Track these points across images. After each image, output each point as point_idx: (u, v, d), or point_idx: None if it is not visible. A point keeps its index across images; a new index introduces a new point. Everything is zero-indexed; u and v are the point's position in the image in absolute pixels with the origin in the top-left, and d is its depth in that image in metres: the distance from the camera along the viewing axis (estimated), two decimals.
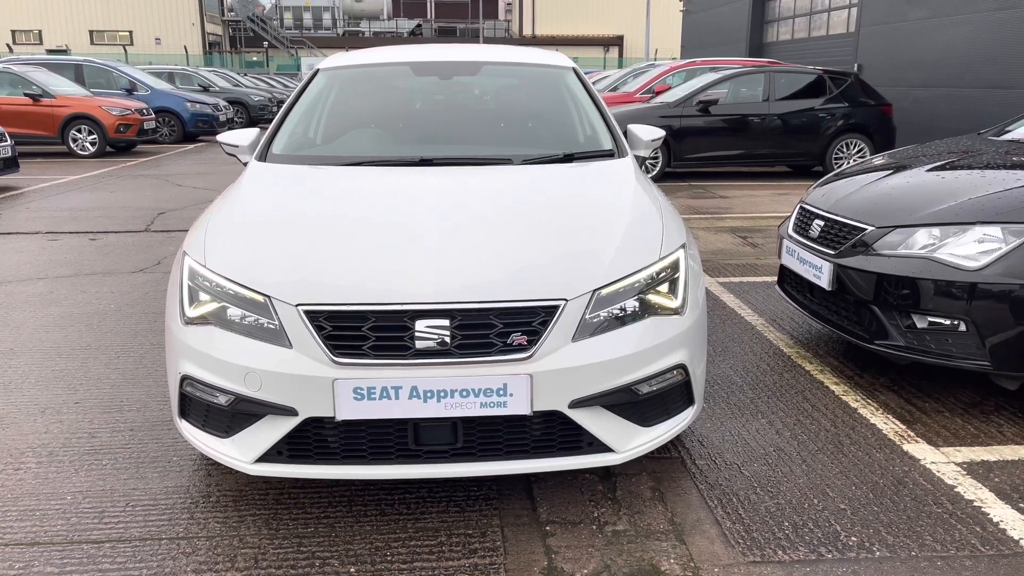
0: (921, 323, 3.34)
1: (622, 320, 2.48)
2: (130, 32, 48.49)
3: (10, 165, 10.33)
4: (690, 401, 2.71)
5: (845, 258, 3.60)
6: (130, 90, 17.37)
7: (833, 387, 3.68)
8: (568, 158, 3.39)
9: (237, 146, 3.64)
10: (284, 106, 3.73)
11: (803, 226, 4.07)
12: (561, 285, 2.42)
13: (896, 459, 2.99)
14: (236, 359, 2.37)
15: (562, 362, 2.36)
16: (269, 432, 2.38)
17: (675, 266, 2.67)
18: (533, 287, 2.40)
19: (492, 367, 2.32)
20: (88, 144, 14.44)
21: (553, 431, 2.44)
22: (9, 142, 10.31)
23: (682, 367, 2.59)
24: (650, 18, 31.14)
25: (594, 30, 55.00)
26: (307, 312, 2.33)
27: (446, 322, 2.32)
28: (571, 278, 2.45)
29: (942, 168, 3.88)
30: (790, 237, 4.15)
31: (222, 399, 2.41)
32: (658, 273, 2.62)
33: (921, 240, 3.38)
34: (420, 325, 2.31)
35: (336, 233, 2.63)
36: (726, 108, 10.99)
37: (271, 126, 3.63)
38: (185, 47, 44.41)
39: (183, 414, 2.59)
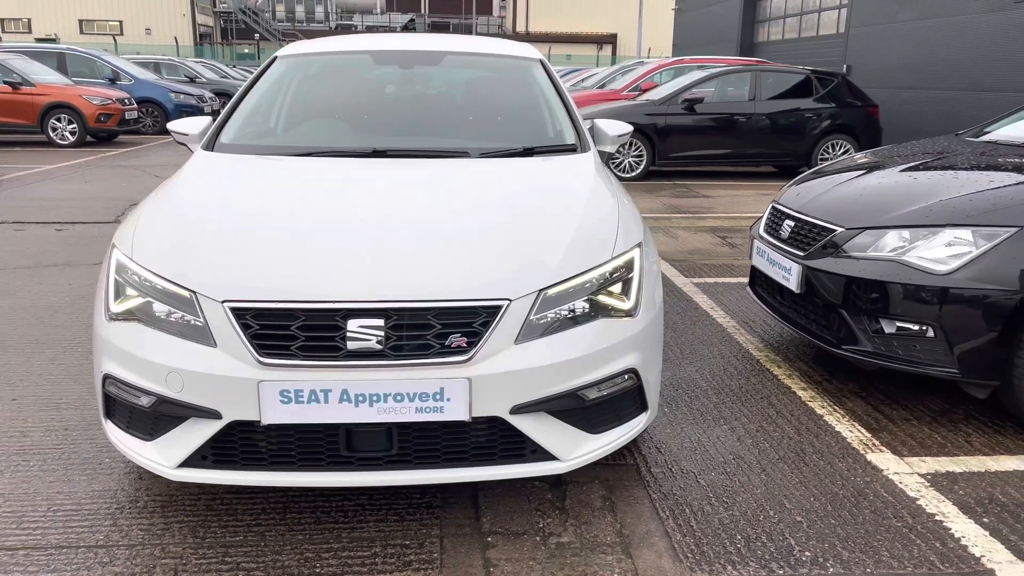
0: (889, 328, 3.23)
1: (570, 322, 2.36)
2: (120, 22, 48.01)
3: None
4: (643, 407, 2.59)
5: (814, 260, 3.49)
6: (113, 79, 17.17)
7: (800, 392, 3.57)
8: (528, 152, 3.27)
9: (187, 134, 3.49)
10: (237, 93, 3.59)
11: (774, 226, 3.96)
12: (505, 284, 2.30)
13: (858, 469, 2.88)
14: (158, 358, 2.24)
15: (504, 365, 2.24)
16: (193, 436, 2.25)
17: (629, 266, 2.55)
18: (475, 286, 2.27)
19: (428, 370, 2.20)
20: (68, 133, 14.22)
21: (494, 438, 2.31)
22: None
23: (633, 371, 2.47)
24: (642, 16, 31.02)
25: (588, 27, 54.82)
26: (233, 309, 2.20)
27: (380, 322, 2.19)
28: (516, 277, 2.33)
29: (916, 168, 3.77)
30: (760, 237, 4.04)
31: (144, 400, 2.28)
32: (611, 273, 2.50)
33: (891, 242, 3.27)
34: (352, 325, 2.18)
35: (272, 226, 2.49)
36: (711, 107, 10.88)
37: (222, 114, 3.49)
38: (175, 38, 44.04)
39: (108, 415, 2.46)
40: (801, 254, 3.58)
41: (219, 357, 2.19)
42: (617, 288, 2.50)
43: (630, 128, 3.78)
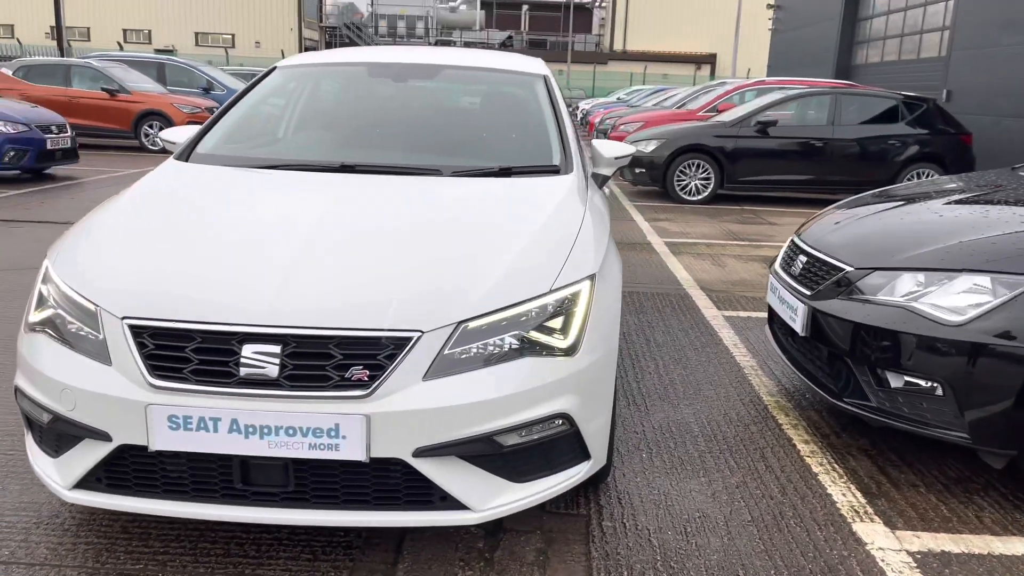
0: (896, 382, 2.88)
1: (495, 358, 2.16)
2: (232, 35, 50.31)
3: (70, 156, 10.67)
4: (584, 455, 2.37)
5: (819, 300, 3.16)
6: (207, 89, 17.87)
7: (801, 446, 3.24)
8: (505, 172, 3.07)
9: (175, 143, 3.47)
10: (228, 101, 3.55)
11: (788, 261, 3.64)
12: (419, 314, 2.12)
13: (839, 540, 2.55)
14: (56, 374, 2.16)
15: (407, 403, 2.06)
16: (87, 456, 2.16)
17: (573, 300, 2.33)
18: (384, 315, 2.10)
19: (324, 404, 2.04)
20: (159, 139, 14.83)
21: (397, 482, 2.13)
22: (70, 133, 10.66)
23: (565, 416, 2.25)
24: (739, 36, 30.28)
25: (686, 47, 54.00)
26: (131, 326, 2.11)
27: (276, 348, 2.05)
28: (434, 307, 2.15)
29: (950, 203, 3.39)
30: (775, 273, 3.72)
31: (44, 417, 2.21)
32: (553, 306, 2.28)
33: (904, 286, 2.92)
34: (247, 350, 2.05)
35: (191, 242, 2.39)
36: (786, 130, 10.39)
37: (206, 122, 3.45)
38: (282, 51, 45.78)
39: (29, 427, 2.41)
40: (808, 293, 3.25)
41: (111, 376, 2.09)
42: (557, 323, 2.29)
43: (632, 149, 3.54)
